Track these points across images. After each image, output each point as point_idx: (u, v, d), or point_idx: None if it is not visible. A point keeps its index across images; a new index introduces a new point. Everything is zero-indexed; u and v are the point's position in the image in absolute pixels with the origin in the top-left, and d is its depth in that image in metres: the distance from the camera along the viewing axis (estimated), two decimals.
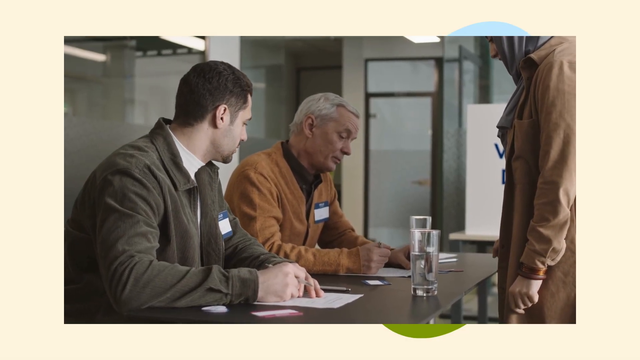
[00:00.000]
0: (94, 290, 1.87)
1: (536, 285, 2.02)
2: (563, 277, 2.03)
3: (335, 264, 2.41)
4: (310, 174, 2.69)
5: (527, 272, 2.01)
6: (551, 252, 1.98)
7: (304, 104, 2.69)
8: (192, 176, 2.02)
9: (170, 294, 1.71)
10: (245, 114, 2.08)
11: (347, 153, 2.65)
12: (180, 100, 2.04)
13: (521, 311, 2.06)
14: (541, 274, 2.01)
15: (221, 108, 2.01)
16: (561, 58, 2.01)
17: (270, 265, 1.99)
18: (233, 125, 2.05)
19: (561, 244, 1.98)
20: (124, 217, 1.78)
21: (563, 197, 1.95)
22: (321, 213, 2.76)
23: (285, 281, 1.83)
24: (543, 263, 1.99)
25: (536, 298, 2.03)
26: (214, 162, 2.14)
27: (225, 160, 2.10)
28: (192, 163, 2.03)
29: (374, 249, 2.44)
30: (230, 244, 2.21)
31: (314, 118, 2.63)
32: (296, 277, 1.88)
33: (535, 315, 2.07)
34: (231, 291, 1.76)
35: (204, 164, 2.07)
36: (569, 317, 2.03)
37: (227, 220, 2.18)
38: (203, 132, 2.02)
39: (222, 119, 2.02)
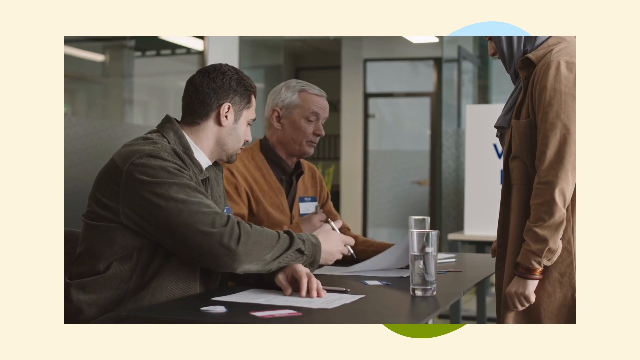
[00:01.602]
0: (120, 278, 1.88)
1: (532, 285, 2.02)
2: (560, 277, 2.03)
3: None
4: (289, 165, 2.71)
5: (524, 272, 2.02)
6: (547, 252, 1.98)
7: (269, 97, 2.72)
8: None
9: (272, 254, 1.89)
10: (249, 114, 2.14)
11: (319, 135, 2.67)
12: (186, 100, 2.09)
13: (521, 308, 2.06)
14: (537, 274, 2.01)
15: (225, 106, 2.07)
16: (558, 58, 2.01)
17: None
18: (237, 124, 2.11)
19: (557, 244, 1.99)
20: (184, 187, 1.87)
21: (559, 197, 1.96)
22: (307, 207, 2.76)
23: (339, 242, 2.11)
24: (539, 263, 1.99)
25: (533, 298, 2.03)
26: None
27: (230, 159, 2.15)
28: (200, 159, 2.06)
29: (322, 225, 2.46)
30: None
31: (279, 110, 2.66)
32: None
33: (531, 316, 2.07)
34: (308, 252, 1.98)
35: (211, 162, 2.12)
36: (566, 317, 2.03)
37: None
38: (209, 130, 2.08)
39: (226, 117, 2.08)
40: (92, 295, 1.87)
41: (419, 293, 1.96)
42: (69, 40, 4.84)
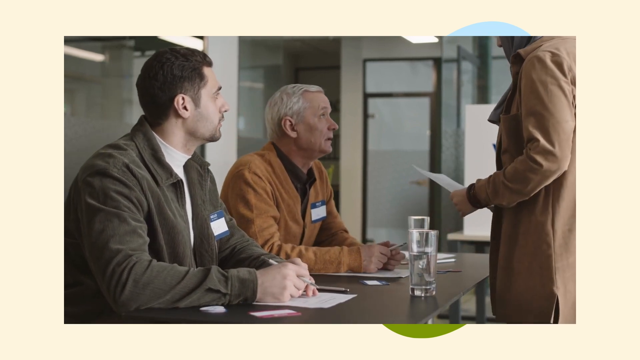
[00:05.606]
0: (94, 291, 1.85)
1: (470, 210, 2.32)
2: (539, 270, 2.06)
3: (337, 262, 2.41)
4: (303, 172, 2.69)
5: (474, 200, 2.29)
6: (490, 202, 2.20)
7: (270, 110, 2.68)
8: (178, 170, 1.99)
9: (170, 296, 1.71)
10: (210, 89, 1.99)
11: (334, 128, 2.67)
12: (141, 104, 2.00)
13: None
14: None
15: (178, 98, 1.94)
16: (545, 50, 2.02)
17: (273, 261, 1.98)
18: (200, 107, 1.97)
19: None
20: (110, 216, 1.76)
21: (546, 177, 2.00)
22: (318, 212, 2.75)
23: (284, 283, 1.81)
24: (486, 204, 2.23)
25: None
26: (207, 157, 2.11)
27: (213, 139, 2.03)
28: (174, 157, 1.99)
29: (376, 246, 2.47)
30: (227, 245, 2.18)
31: (290, 118, 2.63)
32: (299, 276, 1.86)
33: (513, 312, 2.13)
34: (230, 291, 1.76)
35: (188, 156, 2.03)
36: (545, 310, 2.05)
37: (222, 220, 2.14)
38: (173, 126, 1.97)
39: (185, 108, 1.95)
40: (71, 308, 1.82)
41: (418, 293, 1.96)
42: (69, 40, 4.84)
